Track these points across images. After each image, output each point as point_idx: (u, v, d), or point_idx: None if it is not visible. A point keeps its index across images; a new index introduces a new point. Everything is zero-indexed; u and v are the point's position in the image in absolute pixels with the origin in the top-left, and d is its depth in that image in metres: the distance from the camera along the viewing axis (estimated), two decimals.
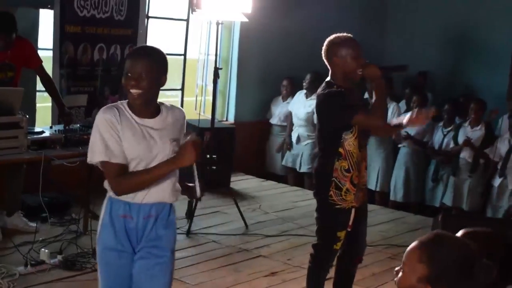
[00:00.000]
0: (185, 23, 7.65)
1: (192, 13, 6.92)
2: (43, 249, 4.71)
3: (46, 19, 6.16)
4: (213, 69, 6.04)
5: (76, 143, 4.87)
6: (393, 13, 9.43)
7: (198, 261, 5.07)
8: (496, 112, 7.15)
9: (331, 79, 3.70)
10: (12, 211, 5.28)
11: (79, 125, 5.26)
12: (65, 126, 5.12)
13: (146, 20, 6.90)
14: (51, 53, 5.94)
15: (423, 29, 8.98)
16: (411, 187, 7.59)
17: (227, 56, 8.17)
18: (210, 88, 7.26)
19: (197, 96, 7.87)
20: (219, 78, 6.05)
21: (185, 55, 7.74)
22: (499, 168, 6.78)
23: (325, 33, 3.85)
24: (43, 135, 4.91)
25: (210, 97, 6.57)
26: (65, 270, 4.58)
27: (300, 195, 7.43)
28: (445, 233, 2.00)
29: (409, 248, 1.99)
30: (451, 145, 7.22)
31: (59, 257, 4.67)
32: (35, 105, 6.26)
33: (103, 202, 2.87)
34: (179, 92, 7.91)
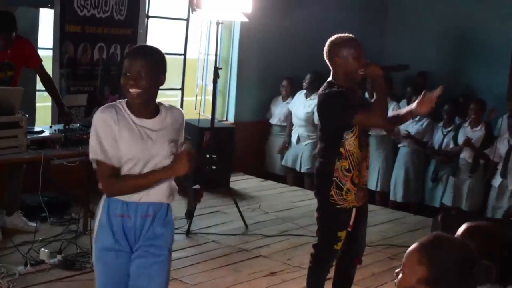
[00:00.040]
0: (185, 22, 7.65)
1: (192, 13, 6.92)
2: (43, 249, 4.71)
3: (46, 18, 6.15)
4: (213, 69, 6.04)
5: (76, 142, 4.86)
6: (393, 13, 9.43)
7: (197, 261, 5.07)
8: (495, 112, 7.13)
9: (332, 79, 3.71)
10: (11, 210, 5.27)
11: (79, 125, 5.24)
12: (65, 125, 5.11)
13: (146, 19, 6.90)
14: (51, 53, 5.94)
15: (423, 29, 8.98)
16: (410, 187, 7.60)
17: (227, 56, 8.16)
18: (210, 88, 7.26)
19: (197, 95, 7.86)
20: (219, 78, 6.05)
21: (185, 54, 7.74)
22: (499, 168, 6.78)
23: (325, 33, 3.85)
24: (43, 135, 4.91)
25: (210, 97, 6.57)
26: (64, 269, 4.58)
27: (299, 195, 7.42)
28: (444, 234, 2.01)
29: (409, 250, 2.00)
30: (451, 145, 7.21)
31: (59, 257, 4.67)
32: (35, 105, 6.26)
33: (100, 201, 2.86)
34: (179, 91, 7.92)
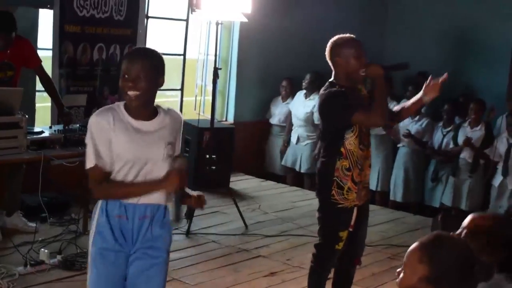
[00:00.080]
0: (184, 23, 7.64)
1: (191, 13, 6.93)
2: (43, 249, 4.71)
3: (45, 18, 6.15)
4: (212, 69, 6.03)
5: (75, 143, 4.86)
6: (393, 13, 9.42)
7: (197, 261, 5.07)
8: (494, 111, 7.12)
9: (334, 79, 3.72)
10: (11, 211, 5.27)
11: (78, 125, 5.24)
12: (65, 126, 5.11)
13: (145, 20, 6.89)
14: (50, 53, 5.93)
15: (423, 29, 8.97)
16: (410, 187, 7.59)
17: (227, 56, 8.16)
18: (209, 88, 7.25)
19: (196, 96, 7.86)
20: (218, 78, 6.04)
21: (184, 55, 7.73)
22: (499, 168, 6.77)
23: (325, 33, 3.85)
24: (43, 135, 4.92)
25: (209, 97, 6.57)
26: (64, 270, 4.58)
27: (299, 195, 7.42)
28: (445, 234, 2.02)
29: (410, 249, 2.01)
30: (451, 145, 7.21)
31: (59, 257, 4.66)
32: (34, 105, 6.26)
33: (97, 202, 2.85)
34: (179, 92, 7.91)
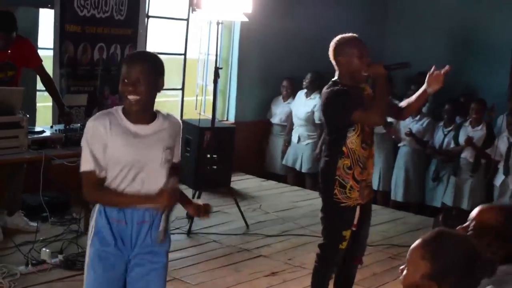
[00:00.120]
0: (185, 22, 7.64)
1: (192, 13, 6.93)
2: (44, 249, 4.71)
3: (46, 18, 6.15)
4: (213, 69, 6.03)
5: (76, 142, 4.84)
6: (393, 13, 9.43)
7: (198, 261, 5.07)
8: (494, 109, 7.10)
9: (337, 78, 3.74)
10: (12, 210, 5.27)
11: (79, 125, 5.24)
12: (66, 125, 5.12)
13: (146, 19, 6.90)
14: (51, 53, 5.93)
15: (423, 29, 8.97)
16: (411, 187, 7.59)
17: (227, 55, 8.16)
18: (210, 87, 7.26)
19: (197, 95, 7.86)
20: (219, 77, 6.04)
21: (185, 54, 7.74)
22: (500, 167, 6.76)
23: (325, 33, 3.86)
24: (44, 135, 4.92)
25: (210, 97, 6.57)
26: (65, 269, 4.57)
27: (300, 195, 7.43)
28: (447, 230, 2.02)
29: (413, 246, 2.02)
30: (452, 145, 7.21)
31: (60, 257, 4.66)
32: (35, 105, 6.26)
33: (95, 205, 2.83)
34: (180, 91, 7.91)
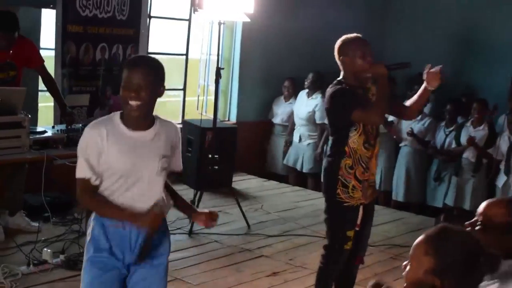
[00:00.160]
0: (187, 23, 7.65)
1: (194, 13, 6.92)
2: (46, 249, 4.71)
3: (48, 18, 6.15)
4: (215, 69, 6.04)
5: (78, 142, 4.85)
6: (393, 13, 9.42)
7: (200, 261, 5.07)
8: (497, 109, 7.08)
9: (342, 78, 3.77)
10: (14, 210, 5.27)
11: (81, 125, 5.24)
12: (67, 125, 5.11)
13: (148, 19, 6.90)
14: (53, 53, 5.93)
15: (423, 29, 8.96)
16: (412, 187, 7.58)
17: (229, 56, 8.16)
18: (212, 88, 7.26)
19: (199, 96, 7.87)
20: (221, 78, 6.05)
21: (187, 55, 7.74)
22: (501, 167, 6.75)
23: (327, 33, 3.87)
24: (45, 135, 4.92)
25: (212, 97, 6.58)
26: (67, 269, 4.58)
27: (301, 195, 7.43)
28: (450, 226, 2.03)
29: (416, 242, 2.02)
30: (453, 145, 7.20)
31: (62, 257, 4.67)
32: (37, 105, 6.26)
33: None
34: (181, 92, 7.91)
